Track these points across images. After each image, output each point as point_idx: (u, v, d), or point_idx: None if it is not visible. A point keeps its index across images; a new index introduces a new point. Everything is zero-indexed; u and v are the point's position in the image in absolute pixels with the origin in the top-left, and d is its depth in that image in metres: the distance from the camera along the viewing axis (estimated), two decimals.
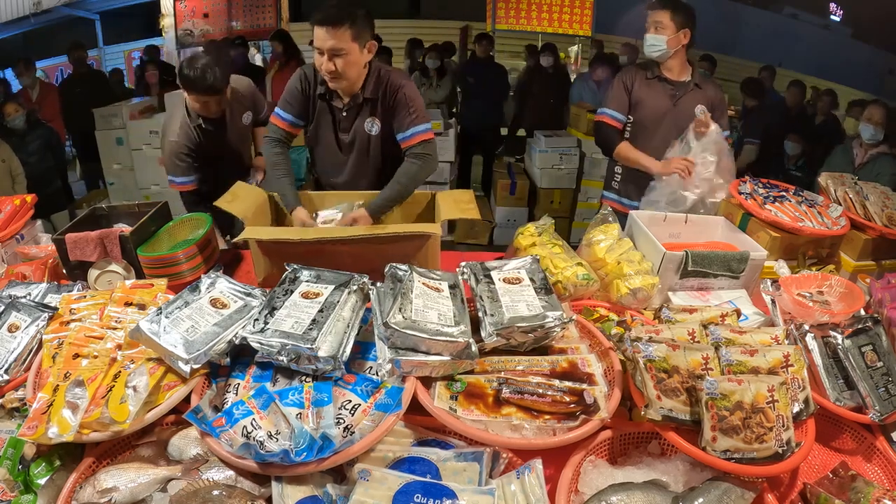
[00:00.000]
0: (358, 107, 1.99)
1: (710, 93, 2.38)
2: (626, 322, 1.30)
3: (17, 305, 1.37)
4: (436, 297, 1.27)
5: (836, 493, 1.08)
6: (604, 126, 2.43)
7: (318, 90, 1.98)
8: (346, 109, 1.99)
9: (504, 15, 5.91)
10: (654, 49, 2.26)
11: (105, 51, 8.76)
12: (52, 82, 6.42)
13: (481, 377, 1.17)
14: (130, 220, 1.85)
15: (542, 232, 1.79)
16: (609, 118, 2.41)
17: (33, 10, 6.72)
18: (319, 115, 2.04)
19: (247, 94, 2.51)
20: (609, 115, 2.41)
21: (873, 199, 1.97)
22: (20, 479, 1.06)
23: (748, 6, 7.86)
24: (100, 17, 8.46)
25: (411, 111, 1.95)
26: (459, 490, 0.94)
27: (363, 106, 1.99)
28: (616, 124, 2.41)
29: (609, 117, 2.41)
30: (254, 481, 1.01)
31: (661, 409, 1.05)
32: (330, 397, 1.07)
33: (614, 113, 2.40)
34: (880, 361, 1.25)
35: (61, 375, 1.15)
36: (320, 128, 2.07)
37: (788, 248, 1.84)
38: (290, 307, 1.21)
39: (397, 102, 1.96)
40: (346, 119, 2.01)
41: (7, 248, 1.88)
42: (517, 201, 4.79)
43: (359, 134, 2.04)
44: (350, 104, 1.99)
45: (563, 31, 6.03)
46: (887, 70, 6.56)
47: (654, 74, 2.35)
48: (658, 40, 2.24)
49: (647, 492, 1.01)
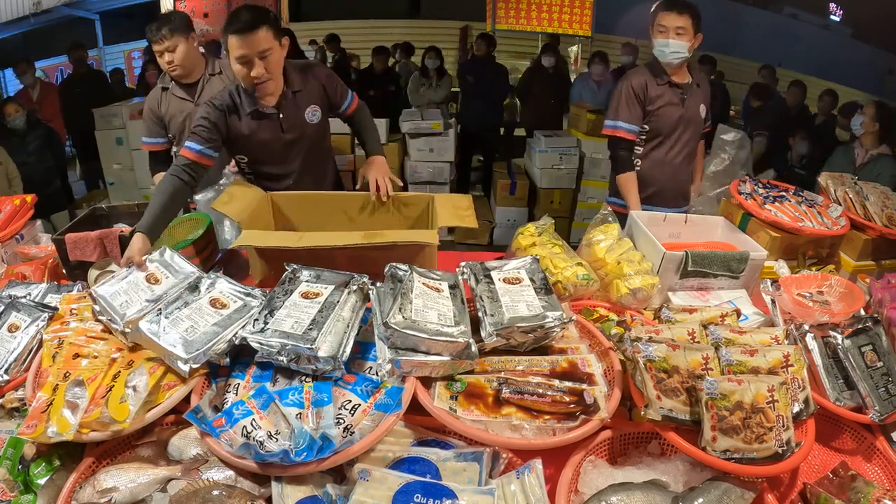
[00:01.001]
0: (292, 102, 1.97)
1: (704, 86, 2.38)
2: (626, 322, 1.30)
3: (17, 305, 1.37)
4: (436, 297, 1.27)
5: (836, 493, 1.08)
6: (621, 142, 2.30)
7: (247, 109, 1.91)
8: (281, 110, 1.95)
9: (504, 15, 5.91)
10: (677, 56, 2.19)
11: (105, 51, 8.76)
12: (52, 82, 6.42)
13: (481, 377, 1.17)
14: (130, 220, 1.85)
15: (542, 232, 1.79)
16: (625, 132, 2.28)
17: (33, 10, 6.72)
18: (256, 132, 1.96)
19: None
20: (624, 128, 2.27)
21: (873, 200, 1.97)
22: (20, 479, 1.06)
23: (748, 6, 7.86)
24: (100, 17, 8.46)
25: (339, 84, 2.09)
26: (459, 490, 0.94)
27: (297, 99, 1.99)
28: (632, 137, 2.29)
29: (625, 131, 2.28)
30: (254, 481, 1.01)
31: (661, 409, 1.05)
32: (330, 397, 1.07)
33: (627, 125, 2.27)
34: (880, 361, 1.25)
35: (61, 375, 1.15)
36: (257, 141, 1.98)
37: (788, 248, 1.84)
38: (289, 307, 1.21)
39: (327, 82, 2.04)
40: (286, 118, 1.97)
41: (7, 248, 1.89)
42: (517, 201, 4.79)
43: (301, 127, 2.02)
44: (282, 102, 1.95)
45: (563, 31, 6.03)
46: (887, 70, 6.56)
47: (664, 80, 2.26)
48: (681, 47, 2.17)
49: (646, 492, 1.01)
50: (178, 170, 1.78)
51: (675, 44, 2.17)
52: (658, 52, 2.22)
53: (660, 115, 2.28)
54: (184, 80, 2.35)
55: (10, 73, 5.58)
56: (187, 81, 2.36)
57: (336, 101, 2.09)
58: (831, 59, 6.98)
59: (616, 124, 2.30)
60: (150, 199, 1.74)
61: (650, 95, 2.27)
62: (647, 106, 2.28)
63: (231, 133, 1.93)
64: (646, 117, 2.30)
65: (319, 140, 2.11)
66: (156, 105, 2.39)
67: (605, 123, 2.36)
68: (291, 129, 2.00)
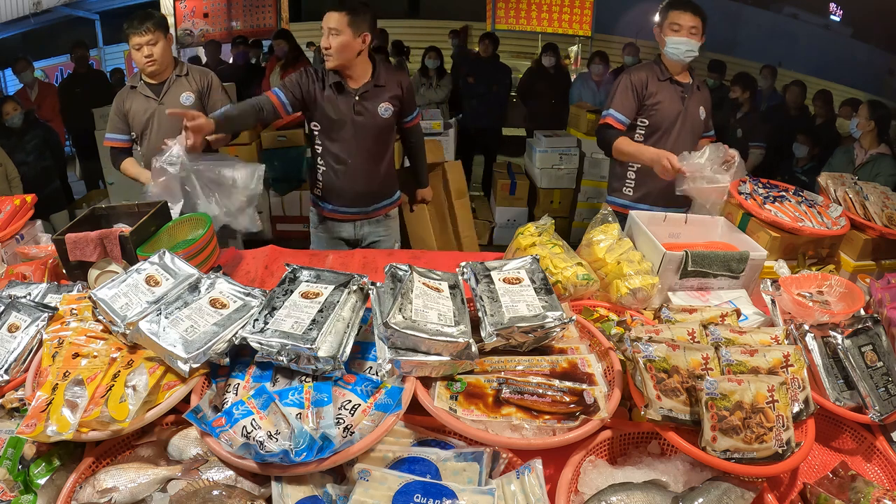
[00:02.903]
0: (372, 92, 2.25)
1: (706, 93, 2.39)
2: (625, 322, 1.30)
3: (17, 305, 1.37)
4: (436, 297, 1.27)
5: (836, 493, 1.08)
6: (606, 127, 2.35)
7: (330, 81, 2.22)
8: (358, 94, 2.23)
9: (504, 15, 5.93)
10: (691, 54, 2.23)
11: (105, 51, 8.74)
12: (51, 82, 6.42)
13: (481, 377, 1.17)
14: (130, 220, 1.85)
15: (542, 232, 1.79)
16: (614, 120, 2.33)
17: (33, 10, 6.71)
18: (332, 101, 2.24)
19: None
20: (614, 117, 2.32)
21: (873, 199, 1.97)
22: (20, 479, 1.06)
23: (748, 6, 7.85)
24: (100, 17, 8.46)
25: (413, 98, 2.46)
26: (459, 490, 0.94)
27: (377, 91, 2.27)
28: (620, 126, 2.33)
29: (614, 119, 2.33)
30: (254, 481, 1.01)
31: (661, 409, 1.05)
32: (330, 397, 1.07)
33: (619, 115, 2.32)
34: (880, 361, 1.25)
35: (61, 374, 1.15)
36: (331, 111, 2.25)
37: (788, 248, 1.84)
38: (289, 307, 1.21)
39: (407, 91, 2.36)
40: (360, 102, 2.24)
41: (7, 248, 1.88)
42: (517, 201, 4.79)
43: (372, 115, 2.28)
44: (363, 88, 2.24)
45: (563, 31, 6.04)
46: (887, 70, 6.55)
47: (665, 76, 2.30)
48: (694, 45, 2.21)
49: (646, 492, 1.01)
50: (261, 101, 2.18)
51: (690, 42, 2.21)
52: (672, 49, 2.24)
53: (659, 109, 2.31)
54: (154, 78, 2.41)
55: (11, 73, 5.57)
56: (156, 81, 2.42)
57: (406, 110, 2.40)
58: (831, 59, 6.97)
59: (608, 112, 2.36)
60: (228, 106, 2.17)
61: (650, 90, 2.30)
62: (646, 100, 2.31)
63: (309, 97, 2.23)
64: (644, 112, 2.33)
65: (384, 135, 2.37)
66: (122, 103, 2.46)
67: (602, 114, 2.41)
68: (362, 113, 2.26)
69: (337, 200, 2.42)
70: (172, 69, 2.44)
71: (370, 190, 2.42)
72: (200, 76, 2.48)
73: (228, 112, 2.11)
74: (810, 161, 4.19)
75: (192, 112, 1.94)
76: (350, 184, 2.36)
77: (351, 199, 2.41)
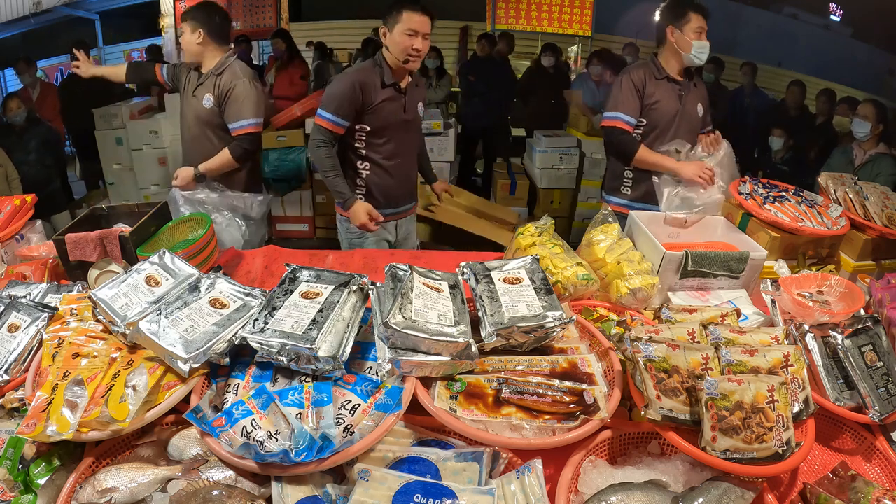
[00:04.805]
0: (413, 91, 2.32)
1: (703, 90, 2.40)
2: (625, 322, 1.30)
3: (17, 305, 1.37)
4: (436, 297, 1.27)
5: (836, 493, 1.08)
6: (619, 132, 2.32)
7: (387, 82, 2.21)
8: (405, 92, 2.28)
9: (504, 15, 5.92)
10: (705, 56, 2.26)
11: (105, 51, 8.76)
12: (51, 82, 6.42)
13: (481, 377, 1.17)
14: (130, 220, 1.85)
15: (542, 232, 1.79)
16: (624, 123, 2.31)
17: (33, 10, 6.71)
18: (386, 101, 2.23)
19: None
20: (623, 119, 2.30)
21: (873, 199, 1.97)
22: (20, 479, 1.06)
23: (748, 6, 7.86)
24: (100, 17, 8.47)
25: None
26: (459, 490, 0.94)
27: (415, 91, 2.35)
28: (629, 129, 2.32)
29: (623, 122, 2.31)
30: (254, 481, 1.01)
31: (661, 409, 1.05)
32: (330, 397, 1.07)
33: (627, 117, 2.30)
34: (880, 361, 1.25)
35: (61, 374, 1.15)
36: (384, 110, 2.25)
37: (788, 248, 1.84)
38: (289, 307, 1.21)
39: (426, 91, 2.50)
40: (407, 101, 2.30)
41: (7, 248, 1.88)
42: (517, 201, 4.79)
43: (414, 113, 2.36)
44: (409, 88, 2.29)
45: (563, 31, 6.04)
46: (887, 70, 6.55)
47: (662, 75, 2.31)
48: (707, 47, 2.25)
49: (646, 492, 1.01)
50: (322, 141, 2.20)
51: (705, 44, 2.25)
52: (697, 53, 2.25)
53: (657, 109, 2.31)
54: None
55: (11, 73, 5.57)
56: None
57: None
58: (831, 59, 6.97)
59: (616, 115, 2.33)
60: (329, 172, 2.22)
61: (648, 90, 2.30)
62: (645, 100, 2.31)
63: (364, 105, 2.19)
64: (643, 111, 2.32)
65: (420, 132, 2.51)
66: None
67: (605, 115, 2.39)
68: (409, 111, 2.32)
69: (382, 201, 2.35)
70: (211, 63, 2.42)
71: (411, 188, 2.47)
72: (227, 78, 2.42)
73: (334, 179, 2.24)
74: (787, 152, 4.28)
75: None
76: (398, 183, 2.37)
77: (396, 198, 2.41)
